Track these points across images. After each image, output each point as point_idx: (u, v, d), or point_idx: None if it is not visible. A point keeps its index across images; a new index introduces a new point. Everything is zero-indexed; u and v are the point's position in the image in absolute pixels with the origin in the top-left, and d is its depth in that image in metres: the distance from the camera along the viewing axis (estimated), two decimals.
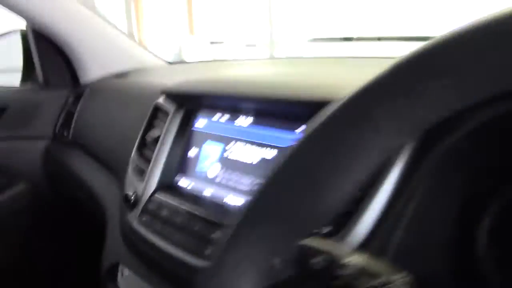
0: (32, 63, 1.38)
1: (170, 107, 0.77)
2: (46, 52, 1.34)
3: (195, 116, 0.75)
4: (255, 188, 0.30)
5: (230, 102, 0.68)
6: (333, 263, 0.37)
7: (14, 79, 1.44)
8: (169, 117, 0.76)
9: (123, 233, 0.76)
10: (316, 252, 0.37)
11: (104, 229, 0.90)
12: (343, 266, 0.36)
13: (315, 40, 5.68)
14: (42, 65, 1.36)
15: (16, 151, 1.33)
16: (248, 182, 0.63)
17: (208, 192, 0.68)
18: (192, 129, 0.75)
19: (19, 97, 1.36)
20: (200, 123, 0.74)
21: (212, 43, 7.10)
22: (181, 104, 0.76)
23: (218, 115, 0.71)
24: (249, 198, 0.30)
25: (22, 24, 1.34)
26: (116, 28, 1.40)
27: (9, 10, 1.20)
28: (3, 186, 1.31)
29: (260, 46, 6.49)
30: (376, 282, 0.35)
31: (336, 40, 5.47)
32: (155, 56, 1.46)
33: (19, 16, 1.24)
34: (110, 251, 0.85)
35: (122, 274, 0.77)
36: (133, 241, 0.71)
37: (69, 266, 1.32)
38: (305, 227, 0.30)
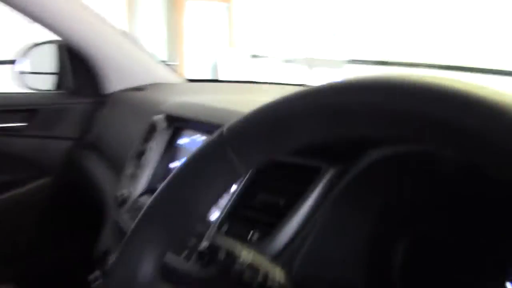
0: (64, 71, 1.58)
1: (162, 125, 0.94)
2: (76, 64, 1.53)
3: (180, 134, 0.91)
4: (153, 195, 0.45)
5: (205, 127, 0.84)
6: (231, 258, 0.52)
7: (47, 83, 1.63)
8: (157, 134, 0.92)
9: (112, 226, 0.93)
10: (220, 249, 0.53)
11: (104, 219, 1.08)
12: (238, 260, 0.52)
13: (350, 61, 5.80)
14: (72, 74, 1.56)
15: (43, 148, 1.52)
16: None
17: None
18: (176, 145, 0.91)
19: (49, 101, 1.56)
20: (184, 140, 0.90)
21: (253, 56, 7.25)
22: (171, 123, 0.93)
23: (197, 135, 0.87)
24: (147, 203, 0.45)
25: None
26: (139, 45, 1.58)
27: (46, 28, 1.40)
28: (28, 179, 1.51)
29: (299, 63, 6.57)
30: (259, 275, 0.51)
31: (371, 63, 5.57)
32: (173, 72, 1.63)
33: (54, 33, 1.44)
34: (105, 239, 1.02)
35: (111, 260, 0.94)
36: (116, 233, 0.88)
37: (76, 250, 1.50)
38: (184, 229, 0.45)
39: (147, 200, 0.81)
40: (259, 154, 0.39)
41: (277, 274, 0.49)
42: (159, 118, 0.96)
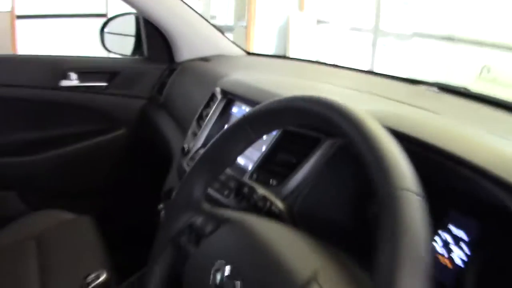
0: (141, 40, 1.89)
1: (219, 96, 1.23)
2: (152, 34, 1.83)
3: (232, 104, 1.20)
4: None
5: (249, 102, 1.13)
6: (254, 192, 0.82)
7: (126, 50, 1.95)
8: (216, 102, 1.22)
9: (177, 169, 1.24)
10: (246, 185, 0.83)
11: (171, 164, 1.39)
12: (257, 194, 0.81)
13: (417, 35, 5.80)
14: (148, 43, 1.87)
15: (121, 105, 1.86)
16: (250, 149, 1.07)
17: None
18: (229, 112, 1.20)
19: (128, 65, 1.88)
20: (234, 109, 1.19)
21: (319, 22, 7.35)
22: (225, 95, 1.22)
23: (243, 106, 1.16)
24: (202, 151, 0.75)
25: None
26: (207, 21, 1.87)
27: (126, 3, 1.69)
28: (108, 129, 1.86)
29: (365, 32, 6.60)
30: (268, 203, 0.80)
31: (437, 38, 5.58)
32: (235, 45, 1.91)
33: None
34: (170, 180, 1.33)
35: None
36: (181, 175, 1.19)
37: (147, 184, 1.84)
38: (220, 170, 0.74)
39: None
40: (263, 129, 0.68)
41: (280, 205, 0.78)
42: (217, 90, 1.26)
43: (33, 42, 4.90)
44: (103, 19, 1.90)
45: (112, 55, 1.90)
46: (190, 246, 0.68)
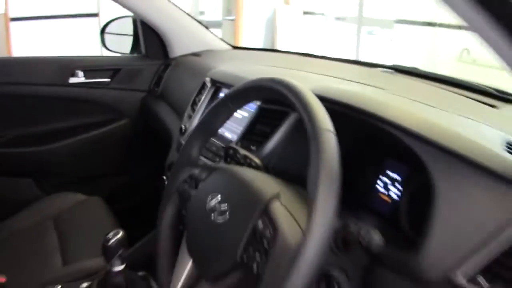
0: (138, 40, 2.16)
1: (209, 84, 1.50)
2: (148, 34, 2.10)
3: (220, 91, 1.47)
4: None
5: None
6: (237, 152, 1.09)
7: (125, 49, 2.21)
8: (207, 90, 1.49)
9: (177, 146, 1.51)
10: (231, 148, 1.10)
11: (170, 145, 1.65)
12: (240, 154, 1.08)
13: (399, 21, 6.04)
14: (145, 42, 2.14)
15: (124, 97, 2.12)
16: (232, 126, 1.34)
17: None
18: (217, 97, 1.47)
19: (128, 62, 2.15)
20: (221, 94, 1.46)
21: (305, 13, 7.60)
22: (214, 84, 1.49)
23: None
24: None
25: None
26: (197, 20, 2.13)
27: (123, 7, 1.94)
28: (113, 120, 2.12)
29: (349, 21, 6.83)
30: (248, 159, 1.07)
31: (419, 24, 5.83)
32: (222, 40, 2.18)
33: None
34: (171, 156, 1.60)
35: None
36: (179, 149, 1.46)
37: (149, 165, 2.10)
38: (209, 136, 1.02)
39: None
40: (239, 103, 0.95)
41: (257, 161, 1.05)
42: (207, 80, 1.52)
43: (28, 43, 5.04)
44: (96, 19, 2.15)
45: (113, 54, 2.16)
46: (191, 189, 0.95)
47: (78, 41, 5.04)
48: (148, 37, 2.12)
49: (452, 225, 0.75)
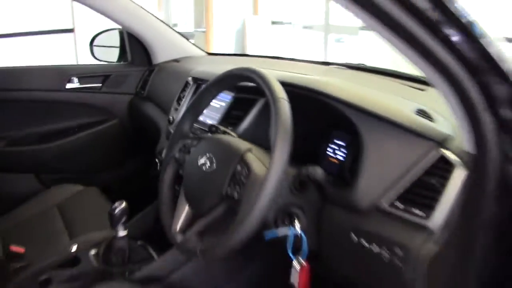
0: (124, 49, 2.48)
1: (190, 82, 1.83)
2: (133, 44, 2.42)
3: (200, 87, 1.80)
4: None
5: None
6: (218, 129, 1.42)
7: (113, 57, 2.52)
8: (189, 87, 1.82)
9: (166, 134, 1.83)
10: (213, 126, 1.44)
11: (157, 139, 1.97)
12: (220, 129, 1.41)
13: (364, 28, 6.43)
14: (130, 51, 2.46)
15: (114, 100, 2.44)
16: (212, 114, 1.66)
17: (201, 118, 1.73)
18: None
19: (117, 69, 2.47)
20: None
21: (273, 23, 7.97)
22: (195, 81, 1.82)
23: None
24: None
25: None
26: (175, 30, 2.46)
27: (110, 20, 2.26)
28: (105, 120, 2.43)
29: (316, 29, 7.19)
30: (226, 134, 1.39)
31: None
32: (199, 48, 2.51)
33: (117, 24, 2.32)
34: (160, 143, 1.91)
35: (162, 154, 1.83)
36: (169, 136, 1.78)
37: (138, 158, 2.41)
38: (196, 115, 1.35)
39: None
40: (220, 87, 1.29)
41: (234, 134, 1.38)
42: (189, 79, 1.85)
43: (5, 60, 5.09)
44: (71, 34, 2.46)
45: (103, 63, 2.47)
46: (185, 155, 1.27)
47: (55, 56, 5.22)
48: (133, 46, 2.44)
49: (376, 168, 1.09)
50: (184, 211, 1.24)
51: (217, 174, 1.13)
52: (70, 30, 5.67)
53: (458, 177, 0.97)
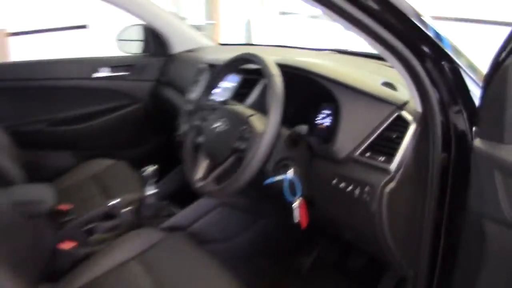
0: (147, 42, 2.83)
1: (206, 68, 2.19)
2: (152, 37, 2.77)
3: (213, 71, 2.16)
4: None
5: None
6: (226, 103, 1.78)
7: (137, 49, 2.88)
8: (204, 72, 2.18)
9: (184, 112, 2.19)
10: (225, 101, 1.80)
11: (175, 119, 2.31)
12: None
13: None
14: (150, 43, 2.81)
15: (138, 87, 2.80)
16: (224, 93, 2.01)
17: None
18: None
19: (140, 59, 2.83)
20: None
21: (281, 13, 8.24)
22: (210, 66, 2.18)
23: None
24: None
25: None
26: (189, 24, 2.81)
27: (129, 16, 2.62)
28: (129, 104, 2.81)
29: (322, 18, 7.43)
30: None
31: None
32: (211, 39, 2.86)
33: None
34: (180, 120, 2.25)
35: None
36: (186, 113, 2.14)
37: (159, 138, 2.80)
38: (210, 91, 1.72)
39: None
40: (229, 70, 1.66)
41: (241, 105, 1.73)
42: (204, 65, 2.21)
43: (25, 56, 5.30)
44: (85, 30, 2.80)
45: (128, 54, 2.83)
46: (203, 122, 1.64)
47: (70, 52, 5.44)
48: (152, 39, 2.79)
49: (350, 127, 1.44)
50: (203, 164, 1.61)
51: (228, 133, 1.50)
52: (84, 27, 6.01)
53: (411, 131, 1.27)
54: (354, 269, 2.13)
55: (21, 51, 5.23)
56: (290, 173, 1.46)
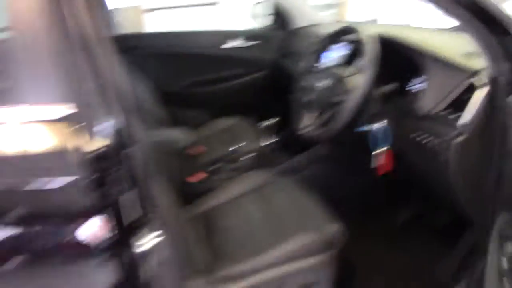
0: (275, 16, 3.25)
1: (319, 40, 2.56)
2: (277, 12, 3.19)
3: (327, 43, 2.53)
4: None
5: None
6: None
7: (266, 22, 3.30)
8: (317, 43, 2.56)
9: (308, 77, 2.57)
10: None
11: (292, 85, 2.68)
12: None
13: None
14: (276, 18, 3.23)
15: (262, 56, 3.23)
16: (331, 59, 2.36)
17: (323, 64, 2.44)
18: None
19: (265, 32, 3.26)
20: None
21: None
22: (322, 39, 2.55)
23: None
24: None
25: None
26: (309, 5, 3.18)
27: None
28: (255, 71, 3.25)
29: None
30: None
31: None
32: (336, 17, 3.21)
33: None
34: (295, 85, 2.62)
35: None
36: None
37: (277, 103, 3.11)
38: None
39: None
40: (332, 42, 2.09)
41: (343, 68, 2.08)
42: (317, 38, 2.57)
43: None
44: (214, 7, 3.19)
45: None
46: (311, 83, 2.03)
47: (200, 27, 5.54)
48: (277, 15, 3.20)
49: (432, 89, 1.74)
50: (311, 116, 2.02)
51: (329, 90, 1.91)
52: (214, 4, 6.28)
53: (481, 93, 1.48)
54: (439, 226, 2.37)
55: (155, 27, 5.59)
56: (377, 125, 1.82)
